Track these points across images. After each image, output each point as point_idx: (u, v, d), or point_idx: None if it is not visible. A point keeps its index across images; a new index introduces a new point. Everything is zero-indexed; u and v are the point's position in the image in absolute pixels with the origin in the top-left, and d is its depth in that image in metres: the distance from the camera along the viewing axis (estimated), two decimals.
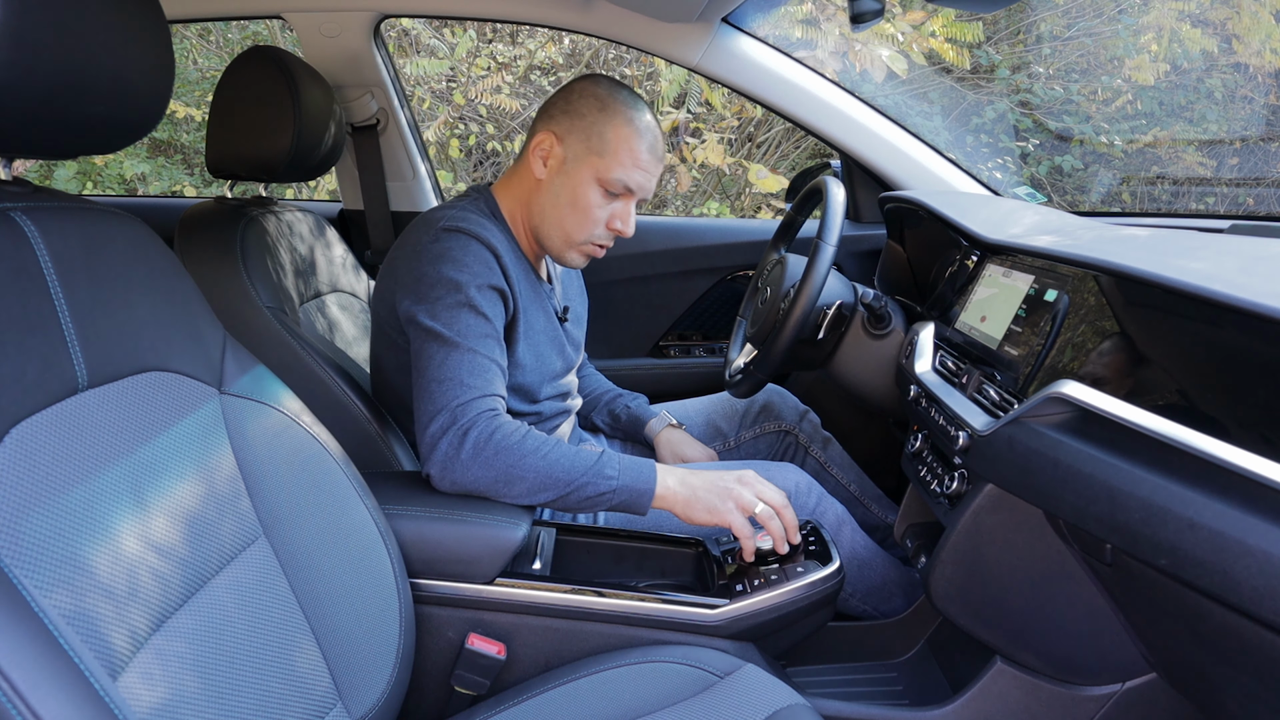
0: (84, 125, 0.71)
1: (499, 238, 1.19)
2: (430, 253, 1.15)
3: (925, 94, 3.92)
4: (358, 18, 1.77)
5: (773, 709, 0.89)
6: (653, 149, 1.23)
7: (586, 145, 1.22)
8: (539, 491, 1.07)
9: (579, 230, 1.24)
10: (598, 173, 1.21)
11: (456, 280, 1.13)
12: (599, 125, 1.21)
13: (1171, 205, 3.44)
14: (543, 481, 1.06)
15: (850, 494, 1.58)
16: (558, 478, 1.07)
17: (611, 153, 1.21)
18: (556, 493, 1.07)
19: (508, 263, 1.18)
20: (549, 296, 1.34)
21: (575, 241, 1.25)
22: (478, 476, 1.06)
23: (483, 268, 1.15)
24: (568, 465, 1.07)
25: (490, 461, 1.05)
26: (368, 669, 0.89)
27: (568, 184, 1.23)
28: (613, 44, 3.61)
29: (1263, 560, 0.58)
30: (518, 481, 1.06)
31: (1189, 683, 0.85)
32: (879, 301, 1.36)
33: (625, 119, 1.21)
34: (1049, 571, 0.95)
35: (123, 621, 0.64)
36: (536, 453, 1.07)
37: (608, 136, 1.21)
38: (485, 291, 1.14)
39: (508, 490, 1.07)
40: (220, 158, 1.32)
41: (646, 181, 1.24)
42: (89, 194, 3.54)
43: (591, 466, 1.08)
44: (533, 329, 1.26)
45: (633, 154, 1.21)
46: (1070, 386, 0.79)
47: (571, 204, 1.23)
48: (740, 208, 4.10)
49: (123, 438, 0.71)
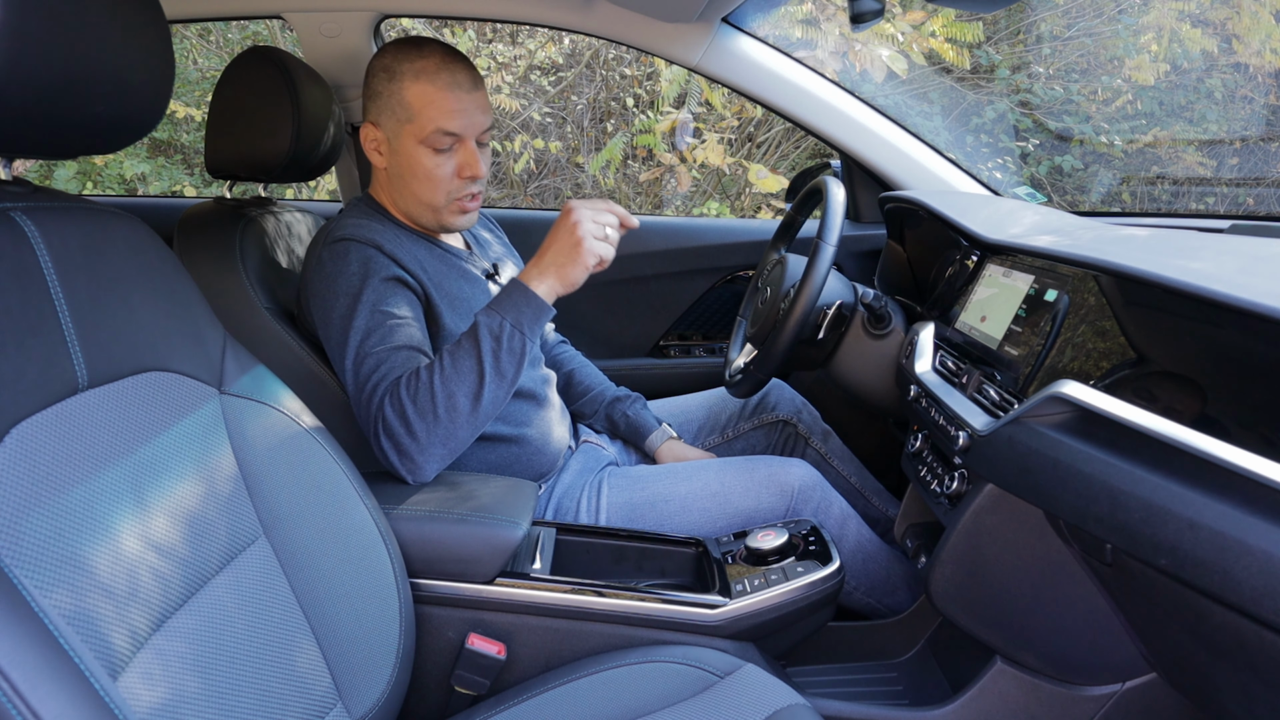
0: (84, 125, 0.71)
1: (380, 230, 1.22)
2: (320, 273, 1.19)
3: (925, 94, 3.92)
4: (358, 18, 1.76)
5: (773, 709, 0.89)
6: (453, 85, 1.21)
7: (395, 118, 1.23)
8: (474, 388, 1.08)
9: (433, 194, 1.26)
10: (416, 137, 1.22)
11: (348, 289, 1.16)
12: (395, 94, 1.22)
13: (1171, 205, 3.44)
14: (465, 381, 1.08)
15: (851, 486, 1.58)
16: (469, 368, 1.08)
17: (417, 113, 1.21)
18: (485, 376, 1.08)
19: (394, 249, 1.20)
20: (468, 260, 1.35)
21: (438, 205, 1.27)
22: (424, 432, 1.08)
23: (368, 266, 1.17)
24: (464, 353, 1.09)
25: (417, 411, 1.07)
26: (368, 669, 0.89)
27: (401, 160, 1.25)
28: (613, 44, 3.61)
29: (1263, 560, 0.58)
30: (452, 399, 1.08)
31: (1189, 683, 0.85)
32: (879, 301, 1.36)
33: (413, 75, 1.21)
34: (1049, 571, 0.95)
35: (123, 621, 0.64)
36: (434, 372, 1.08)
37: (406, 100, 1.22)
38: (378, 287, 1.16)
39: (458, 417, 1.08)
40: (219, 158, 1.32)
41: (467, 119, 1.23)
42: (89, 194, 3.54)
43: (478, 331, 1.09)
44: (456, 297, 1.27)
45: (435, 104, 1.21)
46: (1070, 386, 0.79)
47: (413, 175, 1.25)
48: (740, 208, 4.10)
49: (123, 438, 0.71)
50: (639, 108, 4.12)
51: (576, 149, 4.23)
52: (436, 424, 1.08)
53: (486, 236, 1.51)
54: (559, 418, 1.42)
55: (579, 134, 4.20)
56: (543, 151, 4.11)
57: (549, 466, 1.38)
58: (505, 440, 1.30)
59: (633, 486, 1.34)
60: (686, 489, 1.33)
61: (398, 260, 1.20)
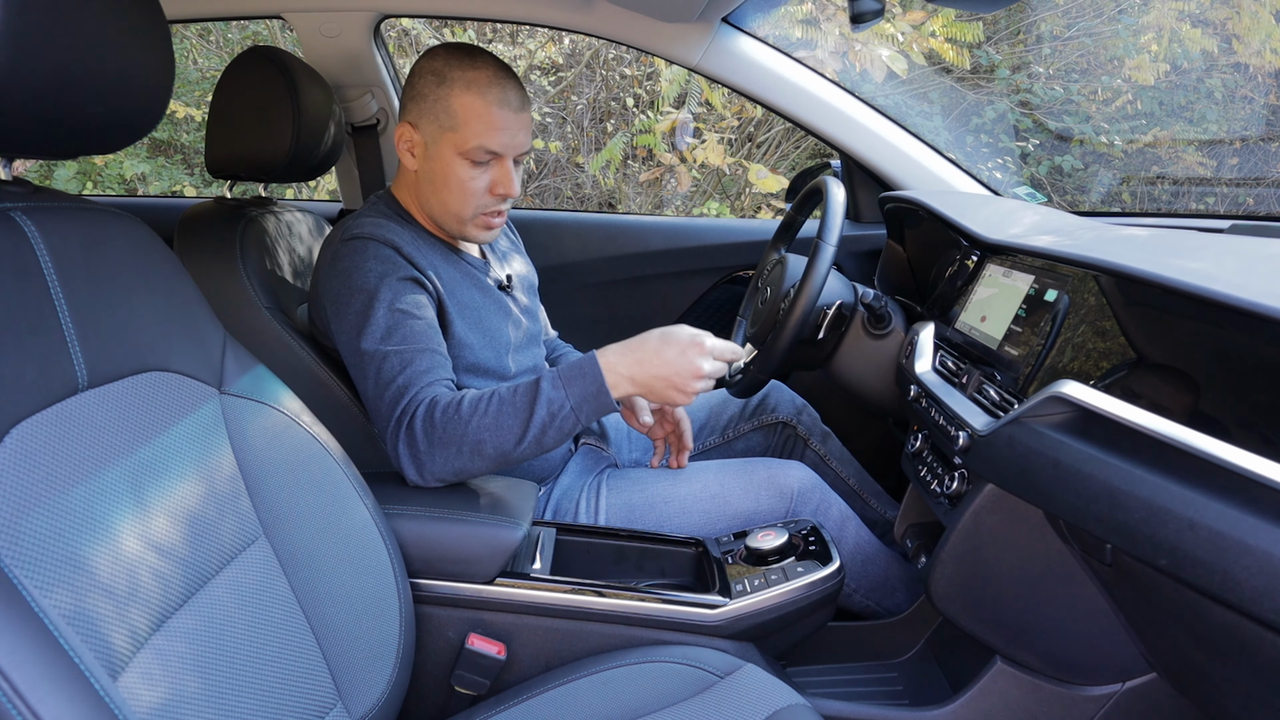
0: (84, 125, 0.71)
1: (399, 232, 1.20)
2: (335, 269, 1.17)
3: (925, 94, 3.92)
4: (358, 18, 1.76)
5: (773, 709, 0.89)
6: (503, 103, 1.19)
7: (438, 124, 1.20)
8: (507, 448, 1.06)
9: (463, 206, 1.24)
10: (456, 147, 1.20)
11: (364, 285, 1.14)
12: (442, 101, 1.20)
13: (1171, 205, 3.44)
14: (502, 438, 1.05)
15: (850, 488, 1.58)
16: (511, 427, 1.05)
17: (462, 124, 1.19)
18: (524, 441, 1.06)
19: (412, 252, 1.19)
20: (482, 270, 1.34)
21: (465, 218, 1.25)
22: (444, 459, 1.07)
23: (386, 265, 1.16)
24: (514, 411, 1.06)
25: (444, 439, 1.06)
26: (368, 669, 0.89)
27: (435, 167, 1.23)
28: (613, 44, 3.61)
29: (1263, 560, 0.58)
30: (481, 446, 1.06)
31: (1189, 683, 0.85)
32: (879, 301, 1.36)
33: (464, 85, 1.19)
34: (1049, 571, 0.95)
35: (123, 621, 0.64)
36: (477, 412, 1.06)
37: (453, 109, 1.19)
38: (395, 285, 1.15)
39: (480, 461, 1.07)
40: (220, 158, 1.32)
41: (510, 138, 1.21)
42: (89, 194, 3.54)
43: (537, 399, 1.05)
44: (467, 306, 1.26)
45: (482, 118, 1.19)
46: (1070, 386, 0.79)
47: (445, 184, 1.23)
48: (740, 208, 4.10)
49: (123, 438, 0.71)
50: (639, 108, 4.12)
51: (576, 149, 4.23)
52: (457, 457, 1.07)
53: (505, 247, 1.50)
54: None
55: (579, 134, 4.20)
56: (543, 151, 4.11)
57: (548, 471, 1.38)
58: None
59: (632, 488, 1.35)
60: (686, 490, 1.33)
61: (414, 263, 1.19)
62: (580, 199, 4.27)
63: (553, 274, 1.98)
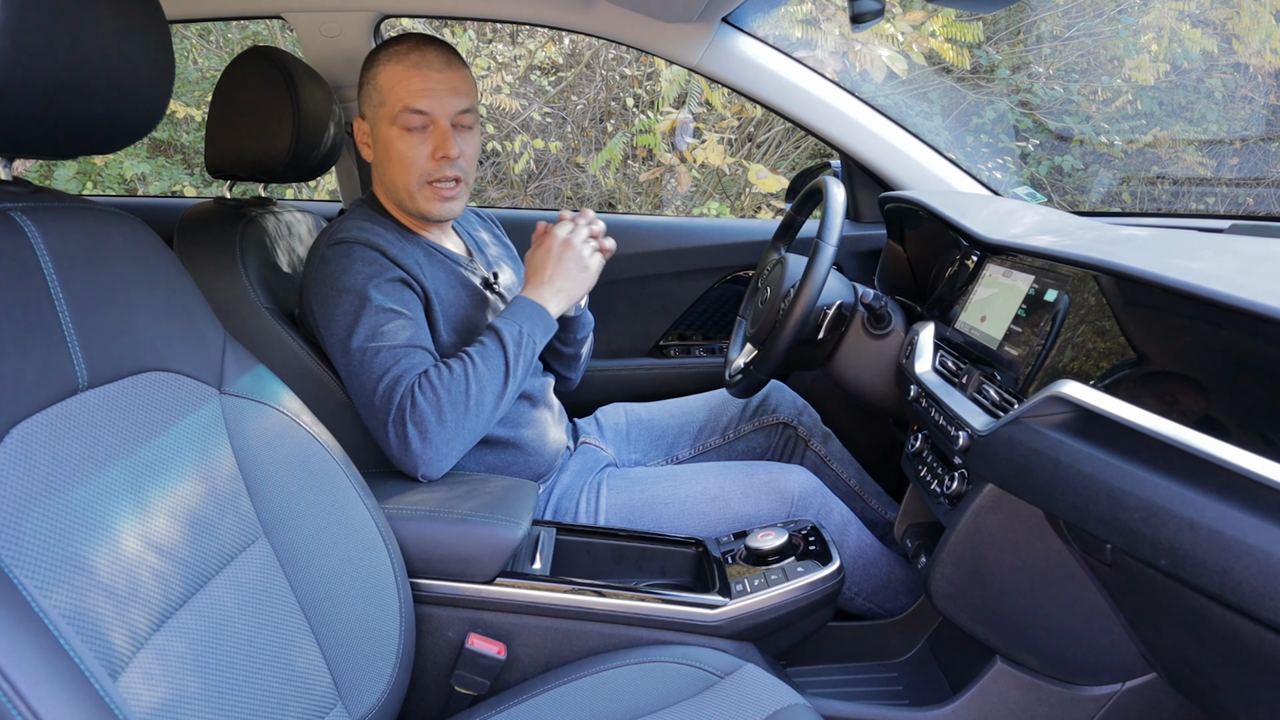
0: (84, 125, 0.71)
1: (382, 234, 1.22)
2: (322, 273, 1.19)
3: (925, 94, 3.92)
4: (358, 18, 1.76)
5: (773, 709, 0.89)
6: (421, 64, 1.22)
7: (373, 105, 1.26)
8: (499, 389, 1.15)
9: (408, 177, 1.26)
10: (390, 119, 1.24)
11: (351, 287, 1.16)
12: (372, 81, 1.26)
13: (1171, 205, 3.44)
14: (494, 380, 1.15)
15: (850, 489, 1.58)
16: (496, 367, 1.15)
17: (386, 93, 1.23)
18: (510, 377, 1.16)
19: (397, 253, 1.21)
20: (467, 267, 1.35)
21: (412, 189, 1.26)
22: (454, 422, 1.12)
23: (373, 267, 1.18)
24: (491, 353, 1.15)
25: (449, 402, 1.11)
26: (368, 669, 0.89)
27: (380, 146, 1.27)
28: (613, 44, 3.61)
29: (1263, 560, 0.58)
30: (482, 396, 1.13)
31: (1189, 683, 0.85)
32: (879, 301, 1.36)
33: (385, 60, 1.24)
34: (1049, 571, 0.95)
35: (123, 621, 0.64)
36: (465, 367, 1.13)
37: (379, 83, 1.24)
38: (384, 286, 1.17)
39: (482, 415, 1.14)
40: (219, 158, 1.31)
41: (435, 99, 1.22)
42: (89, 194, 3.54)
43: (506, 343, 1.16)
44: (452, 305, 1.27)
45: (402, 82, 1.22)
46: (1070, 386, 0.79)
47: (389, 160, 1.26)
48: (740, 208, 4.10)
49: (123, 438, 0.71)
50: (639, 108, 4.12)
51: (576, 149, 4.23)
52: (465, 415, 1.12)
53: (485, 237, 1.50)
54: (555, 420, 1.42)
55: (579, 134, 4.20)
56: (543, 151, 4.11)
57: (546, 467, 1.38)
58: (503, 443, 1.30)
59: (631, 488, 1.35)
60: (686, 492, 1.33)
61: (400, 264, 1.20)
62: (580, 199, 4.27)
63: None
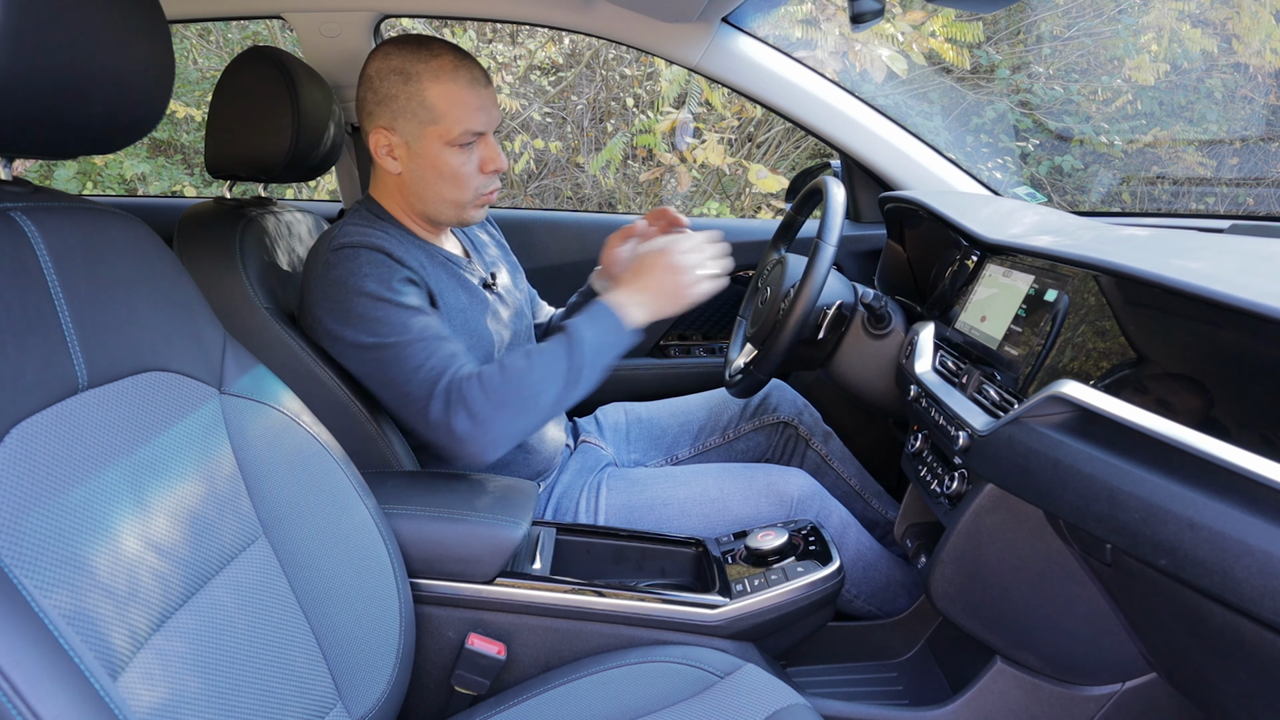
0: (84, 125, 0.71)
1: (386, 237, 1.20)
2: (329, 277, 1.18)
3: (925, 94, 3.92)
4: (358, 18, 1.76)
5: (773, 709, 0.89)
6: (474, 82, 1.21)
7: (417, 120, 1.21)
8: (557, 393, 1.12)
9: (461, 193, 1.25)
10: (442, 138, 1.21)
11: (363, 288, 1.15)
12: (415, 97, 1.20)
13: (1171, 205, 3.44)
14: (552, 385, 1.11)
15: (851, 488, 1.58)
16: (557, 374, 1.12)
17: (442, 113, 1.20)
18: (568, 388, 1.12)
19: (402, 255, 1.20)
20: (466, 269, 1.34)
21: (465, 202, 1.26)
22: (508, 418, 1.10)
23: (382, 269, 1.17)
24: (551, 360, 1.12)
25: (503, 400, 1.10)
26: (368, 669, 0.89)
27: (425, 163, 1.24)
28: (613, 44, 3.61)
29: (1263, 560, 0.58)
30: (538, 398, 1.11)
31: (1189, 683, 0.85)
32: (879, 301, 1.36)
33: (433, 76, 1.20)
34: (1049, 571, 0.95)
35: (123, 621, 0.64)
36: (522, 367, 1.11)
37: (429, 102, 1.20)
38: (396, 286, 1.16)
39: (536, 415, 1.12)
40: (219, 158, 1.31)
41: (487, 115, 1.23)
42: (89, 194, 3.54)
43: (569, 348, 1.13)
44: (454, 308, 1.27)
45: (461, 103, 1.20)
46: (1070, 386, 0.79)
47: (440, 177, 1.24)
48: (740, 208, 4.10)
49: (123, 438, 0.71)
50: (639, 108, 4.13)
51: (576, 149, 4.23)
52: (518, 414, 1.11)
53: (483, 238, 1.50)
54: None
55: (579, 134, 4.20)
56: (543, 151, 4.11)
57: (546, 465, 1.38)
58: None
59: (631, 489, 1.35)
60: (686, 493, 1.33)
61: (405, 264, 1.20)
62: (580, 199, 4.27)
63: (552, 274, 1.98)
